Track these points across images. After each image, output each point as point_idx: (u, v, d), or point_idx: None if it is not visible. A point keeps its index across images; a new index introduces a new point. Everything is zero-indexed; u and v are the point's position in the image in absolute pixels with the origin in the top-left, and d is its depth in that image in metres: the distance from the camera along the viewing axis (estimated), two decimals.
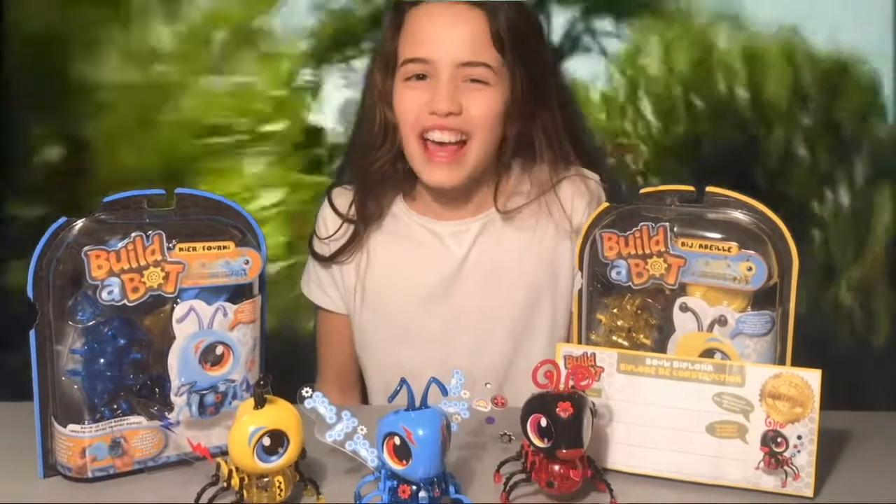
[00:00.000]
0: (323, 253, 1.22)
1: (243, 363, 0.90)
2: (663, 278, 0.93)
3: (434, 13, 1.12)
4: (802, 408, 0.85)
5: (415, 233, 1.20)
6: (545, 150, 1.18)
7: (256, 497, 0.79)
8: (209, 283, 0.89)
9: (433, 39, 1.11)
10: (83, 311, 0.86)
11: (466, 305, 1.19)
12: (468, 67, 1.11)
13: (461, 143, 1.13)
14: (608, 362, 0.90)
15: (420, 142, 1.13)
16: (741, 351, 0.91)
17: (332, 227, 1.22)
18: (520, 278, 1.18)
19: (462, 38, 1.11)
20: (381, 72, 1.16)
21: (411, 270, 1.20)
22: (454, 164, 1.13)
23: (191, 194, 0.91)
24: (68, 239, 0.86)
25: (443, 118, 1.11)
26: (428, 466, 0.77)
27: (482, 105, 1.12)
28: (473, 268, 1.19)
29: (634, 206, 0.96)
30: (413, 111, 1.12)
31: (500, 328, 1.18)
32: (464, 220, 1.19)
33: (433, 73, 1.12)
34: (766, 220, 0.91)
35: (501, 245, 1.19)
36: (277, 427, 0.78)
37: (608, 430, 0.89)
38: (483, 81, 1.12)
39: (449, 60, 1.10)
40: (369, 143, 1.18)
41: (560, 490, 0.82)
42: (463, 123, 1.12)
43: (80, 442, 0.86)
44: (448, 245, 1.19)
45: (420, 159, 1.14)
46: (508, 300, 1.18)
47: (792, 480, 0.85)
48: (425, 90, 1.12)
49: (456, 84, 1.11)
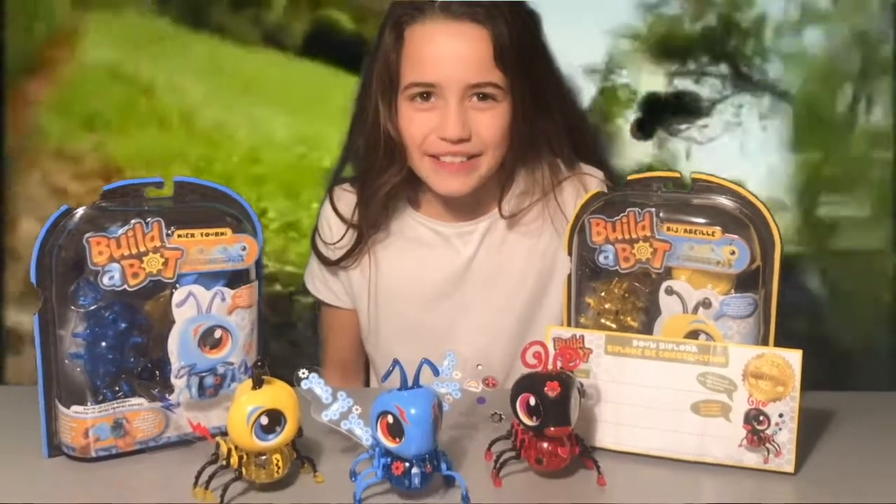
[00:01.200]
0: (328, 256, 1.22)
1: (241, 346, 0.92)
2: (649, 262, 0.95)
3: (438, 35, 1.09)
4: (784, 387, 0.87)
5: (421, 234, 1.21)
6: (546, 153, 1.19)
7: (255, 474, 0.81)
8: (207, 269, 0.90)
9: (439, 62, 1.09)
10: (85, 296, 0.88)
11: (473, 303, 1.21)
12: (476, 87, 1.09)
13: (472, 157, 1.12)
14: (596, 344, 0.92)
15: (429, 159, 1.13)
16: (725, 332, 0.94)
17: (336, 231, 1.21)
18: (524, 277, 1.20)
19: (467, 59, 1.08)
20: (384, 92, 1.13)
21: (419, 271, 1.21)
22: (465, 173, 1.13)
23: (189, 182, 0.93)
24: (70, 226, 0.88)
25: (453, 145, 1.10)
26: (420, 444, 0.79)
27: (491, 125, 1.11)
28: (480, 267, 1.21)
29: (622, 192, 0.99)
30: (421, 134, 1.11)
31: (505, 325, 1.21)
32: (469, 222, 1.21)
33: (440, 94, 1.10)
34: (749, 205, 0.94)
35: (506, 245, 1.21)
36: (275, 407, 0.80)
37: (596, 409, 0.92)
38: (491, 97, 1.10)
39: (457, 84, 1.08)
40: (376, 167, 1.15)
41: (548, 467, 0.85)
42: (473, 147, 1.11)
43: (83, 423, 0.88)
44: (455, 246, 1.21)
45: (431, 172, 1.14)
46: (513, 298, 1.21)
47: (774, 457, 0.87)
48: (433, 113, 1.10)
49: (464, 106, 1.09)
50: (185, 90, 1.81)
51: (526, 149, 1.17)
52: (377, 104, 1.13)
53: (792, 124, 1.79)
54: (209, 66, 1.82)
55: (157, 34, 1.79)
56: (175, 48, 1.80)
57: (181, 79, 1.81)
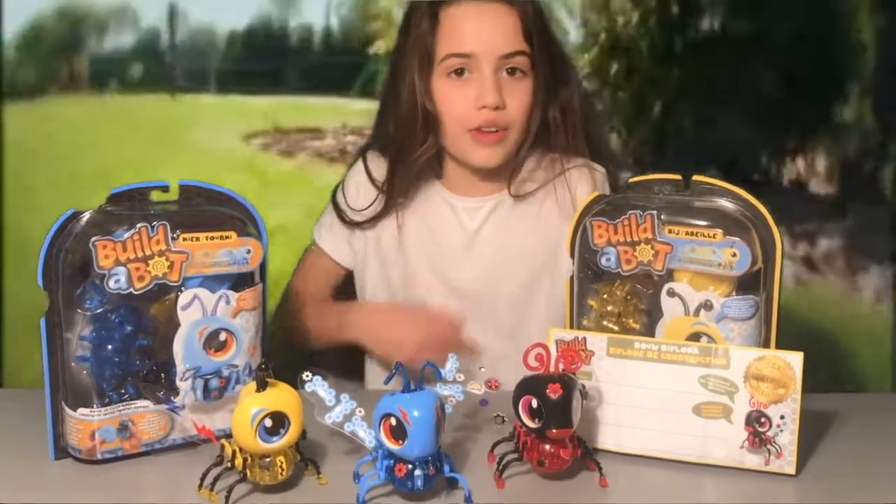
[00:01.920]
0: (353, 218, 1.27)
1: (246, 349, 0.93)
2: (651, 264, 0.96)
3: (471, 10, 1.19)
4: (785, 389, 0.87)
5: (433, 203, 1.27)
6: (559, 137, 1.24)
7: (259, 476, 0.82)
8: (212, 272, 0.91)
9: (474, 34, 1.18)
10: (91, 299, 0.89)
11: (471, 278, 1.25)
12: (507, 59, 1.18)
13: (503, 129, 1.19)
14: (598, 346, 0.92)
15: (471, 132, 1.19)
16: (726, 334, 0.94)
17: (364, 197, 1.27)
18: (524, 257, 1.24)
19: (501, 32, 1.18)
20: (419, 69, 1.20)
21: (425, 238, 1.26)
22: (496, 146, 1.20)
23: (194, 186, 0.94)
24: (76, 230, 0.89)
25: (492, 111, 1.17)
26: (423, 446, 0.79)
27: (520, 98, 1.19)
28: (483, 244, 1.25)
29: (623, 194, 0.99)
30: (460, 107, 1.19)
31: (501, 302, 1.25)
32: (478, 198, 1.26)
33: (475, 66, 1.18)
34: (750, 207, 0.94)
35: (510, 225, 1.25)
36: (279, 409, 0.81)
37: (598, 411, 0.92)
38: (521, 70, 1.19)
39: (492, 54, 1.17)
40: (413, 138, 1.22)
41: (551, 469, 0.85)
42: (506, 117, 1.19)
43: (89, 425, 0.89)
44: (461, 219, 1.26)
45: (468, 145, 1.20)
46: (511, 276, 1.25)
47: (775, 459, 0.88)
48: (469, 86, 1.19)
49: (498, 77, 1.18)
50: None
51: (539, 130, 1.23)
52: (413, 82, 1.21)
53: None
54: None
55: None
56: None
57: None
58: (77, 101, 1.71)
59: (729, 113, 1.68)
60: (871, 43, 1.55)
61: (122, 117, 1.71)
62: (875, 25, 1.46)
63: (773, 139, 1.68)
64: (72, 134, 1.71)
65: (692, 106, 1.69)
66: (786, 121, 1.67)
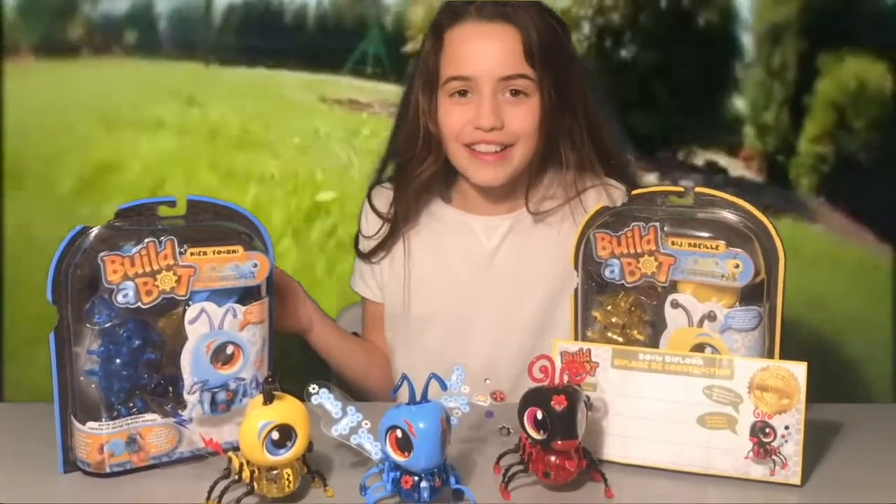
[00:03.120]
0: (364, 249, 1.30)
1: (253, 362, 0.94)
2: (655, 276, 0.96)
3: (472, 33, 1.19)
4: (789, 399, 0.88)
5: (450, 223, 1.27)
6: (570, 155, 1.24)
7: (266, 489, 0.83)
8: (219, 286, 0.92)
9: (474, 58, 1.19)
10: (99, 313, 0.90)
11: (491, 296, 1.25)
12: (507, 81, 1.18)
13: (505, 148, 1.19)
14: (603, 357, 0.93)
15: (465, 149, 1.20)
16: (730, 345, 0.95)
17: (372, 226, 1.29)
18: (542, 276, 1.24)
19: (500, 55, 1.18)
20: (424, 90, 1.22)
21: (446, 258, 1.27)
22: (500, 163, 1.20)
23: (201, 201, 0.95)
24: (85, 245, 0.90)
25: (487, 133, 1.18)
26: (429, 458, 0.80)
27: (522, 118, 1.19)
28: (502, 262, 1.26)
29: (627, 206, 1.00)
30: (458, 126, 1.20)
31: (520, 321, 1.25)
32: (496, 217, 1.26)
33: (475, 88, 1.18)
34: (752, 218, 0.95)
35: (528, 244, 1.26)
36: (286, 422, 0.81)
37: (603, 422, 0.92)
38: (522, 92, 1.18)
39: (490, 77, 1.17)
40: (413, 157, 1.24)
41: (556, 480, 0.86)
42: (505, 136, 1.19)
43: (98, 439, 0.89)
44: (479, 237, 1.27)
45: (467, 163, 1.21)
46: (530, 295, 1.24)
47: (780, 469, 0.88)
48: (469, 106, 1.19)
49: (497, 99, 1.18)
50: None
51: (551, 148, 1.23)
52: (417, 101, 1.23)
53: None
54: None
55: None
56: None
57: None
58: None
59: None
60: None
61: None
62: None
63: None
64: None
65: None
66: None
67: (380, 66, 1.72)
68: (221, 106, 1.76)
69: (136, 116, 1.74)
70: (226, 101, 1.76)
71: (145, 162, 1.75)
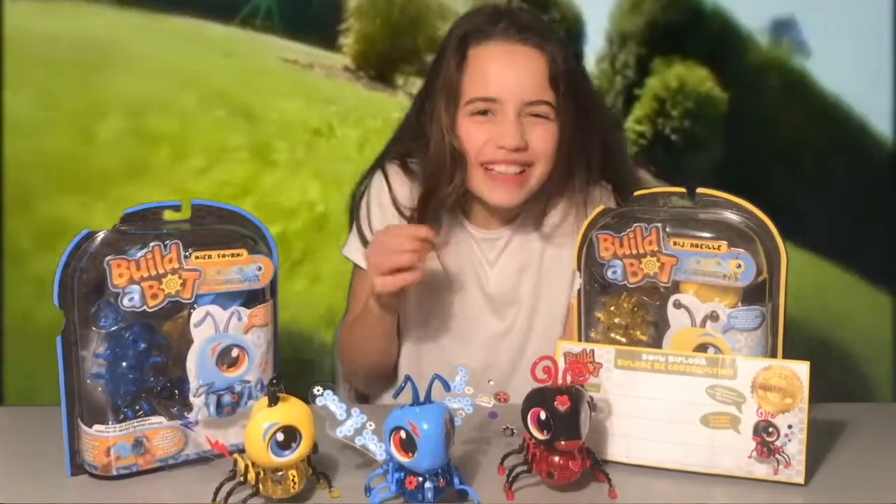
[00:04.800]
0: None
1: (258, 365, 0.94)
2: (657, 277, 0.97)
3: (500, 55, 1.20)
4: (792, 398, 0.88)
5: (454, 232, 1.27)
6: (582, 172, 1.24)
7: (272, 490, 0.83)
8: (224, 289, 0.93)
9: (500, 80, 1.19)
10: (106, 317, 0.90)
11: (489, 303, 1.26)
12: (531, 105, 1.18)
13: (524, 170, 1.20)
14: (606, 358, 0.93)
15: (482, 169, 1.20)
16: (733, 345, 0.95)
17: (387, 219, 1.26)
18: (543, 282, 1.25)
19: (526, 79, 1.19)
20: (446, 105, 1.21)
21: (445, 263, 1.26)
22: (517, 185, 1.20)
23: (205, 205, 0.96)
24: (91, 249, 0.90)
25: (510, 153, 1.18)
26: (433, 458, 0.80)
27: (544, 139, 1.19)
28: (500, 272, 1.26)
29: (629, 207, 1.00)
30: (479, 144, 1.19)
31: (518, 326, 1.25)
32: (497, 230, 1.27)
33: (499, 110, 1.18)
34: (754, 218, 0.95)
35: (528, 253, 1.26)
36: (290, 423, 0.82)
37: (607, 423, 0.93)
38: (544, 116, 1.19)
39: (516, 100, 1.18)
40: (441, 179, 1.21)
41: (560, 480, 0.86)
42: (527, 157, 1.19)
43: (104, 441, 0.90)
44: (481, 248, 1.26)
45: (483, 184, 1.21)
46: (530, 302, 1.25)
47: (783, 468, 0.88)
48: (490, 125, 1.19)
49: (521, 121, 1.18)
50: None
51: (568, 169, 1.24)
52: (440, 120, 1.21)
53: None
54: None
55: None
56: None
57: None
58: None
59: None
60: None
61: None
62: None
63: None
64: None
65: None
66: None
67: (270, 20, 1.73)
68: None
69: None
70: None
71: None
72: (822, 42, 1.74)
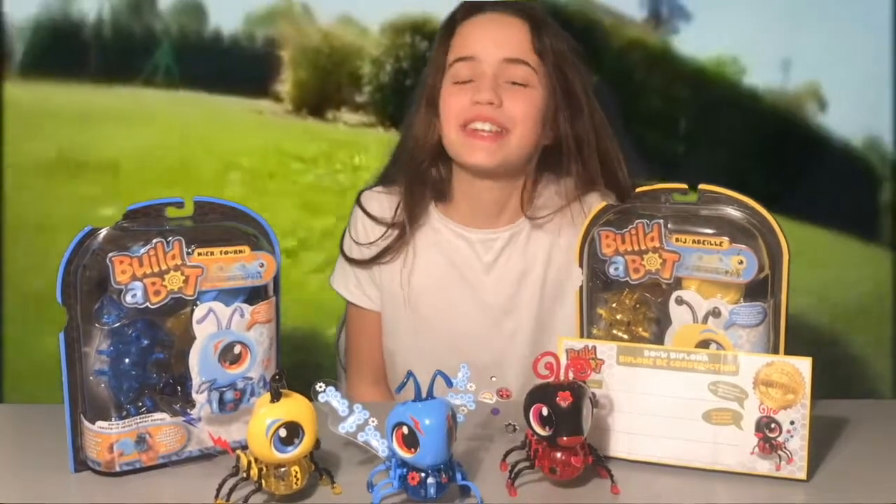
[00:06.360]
0: (363, 257, 1.27)
1: (260, 361, 0.94)
2: (659, 273, 0.97)
3: (482, 20, 1.23)
4: (794, 394, 0.88)
5: (446, 237, 1.26)
6: (572, 163, 1.23)
7: (274, 486, 0.83)
8: (227, 286, 0.93)
9: (479, 40, 1.21)
10: (108, 314, 0.91)
11: (490, 306, 1.25)
12: (510, 65, 1.19)
13: (501, 132, 1.19)
14: (608, 354, 0.93)
15: (461, 129, 1.20)
16: (735, 341, 0.95)
17: (371, 232, 1.27)
18: (542, 283, 1.24)
19: (505, 37, 1.20)
20: (433, 77, 1.24)
21: (442, 271, 1.26)
22: (494, 146, 1.19)
23: (208, 202, 0.96)
24: (94, 246, 0.90)
25: (484, 107, 1.18)
26: (435, 454, 0.80)
27: (521, 103, 1.19)
28: (500, 274, 1.25)
29: (631, 204, 1.00)
30: (458, 106, 1.20)
31: (521, 330, 1.25)
32: (493, 230, 1.26)
33: (478, 71, 1.19)
34: (756, 214, 0.95)
35: (527, 253, 1.25)
36: (293, 419, 0.82)
37: (609, 419, 0.93)
38: (522, 84, 1.19)
39: (493, 57, 1.19)
40: (417, 139, 1.24)
41: (562, 476, 0.86)
42: (502, 116, 1.19)
43: (107, 438, 0.90)
44: (477, 251, 1.26)
45: (461, 142, 1.20)
46: (530, 303, 1.25)
47: (786, 464, 0.88)
48: (471, 89, 1.20)
49: (498, 81, 1.19)
50: None
51: (552, 156, 1.23)
52: (426, 88, 1.23)
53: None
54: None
55: None
56: None
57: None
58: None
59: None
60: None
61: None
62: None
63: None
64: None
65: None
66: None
67: (170, 75, 1.76)
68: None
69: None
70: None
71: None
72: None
